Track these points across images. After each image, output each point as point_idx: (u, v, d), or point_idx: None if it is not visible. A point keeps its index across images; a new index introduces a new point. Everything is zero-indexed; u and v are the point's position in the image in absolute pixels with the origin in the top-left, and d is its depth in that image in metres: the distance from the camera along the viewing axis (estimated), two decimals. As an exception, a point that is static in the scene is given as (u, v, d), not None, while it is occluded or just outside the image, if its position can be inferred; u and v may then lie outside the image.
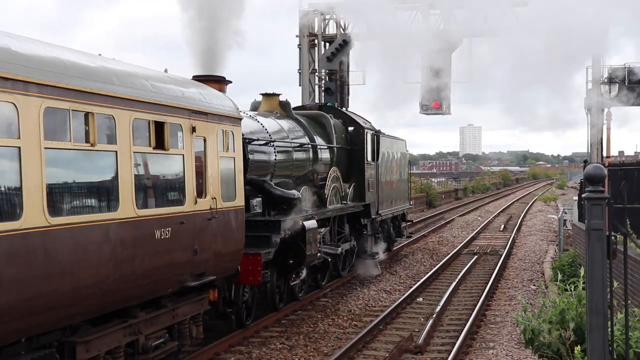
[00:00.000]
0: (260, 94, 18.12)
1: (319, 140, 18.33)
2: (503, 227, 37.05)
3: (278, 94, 18.13)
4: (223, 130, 11.45)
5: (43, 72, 7.47)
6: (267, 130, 15.50)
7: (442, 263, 23.15)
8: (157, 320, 10.00)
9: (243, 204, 12.10)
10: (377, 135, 21.81)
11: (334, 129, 19.33)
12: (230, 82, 13.93)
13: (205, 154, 10.83)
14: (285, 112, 17.90)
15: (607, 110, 23.89)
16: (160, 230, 9.44)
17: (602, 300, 5.91)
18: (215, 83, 13.08)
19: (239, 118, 12.29)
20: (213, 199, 10.94)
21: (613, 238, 6.01)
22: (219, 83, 13.34)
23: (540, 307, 9.58)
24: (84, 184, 8.15)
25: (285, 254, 14.82)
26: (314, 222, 15.73)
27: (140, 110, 9.13)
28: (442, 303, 16.45)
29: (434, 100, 28.54)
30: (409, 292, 18.06)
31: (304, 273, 16.42)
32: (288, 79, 39.85)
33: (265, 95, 18.09)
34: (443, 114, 29.91)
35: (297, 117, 18.06)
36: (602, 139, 28.76)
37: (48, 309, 7.49)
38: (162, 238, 9.47)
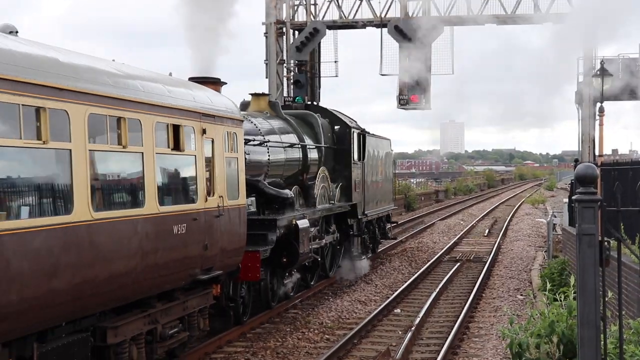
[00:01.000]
0: (250, 94, 19.84)
1: (308, 140, 20.09)
2: (487, 231, 37.70)
3: (267, 94, 19.87)
4: (228, 132, 13.17)
5: (82, 81, 9.12)
6: (260, 131, 17.23)
7: (421, 271, 23.38)
8: (171, 312, 11.68)
9: (245, 203, 13.84)
10: (363, 135, 23.59)
11: (322, 129, 21.10)
12: (225, 83, 15.69)
13: (213, 155, 12.54)
14: (275, 112, 19.64)
15: (599, 105, 23.20)
16: (178, 226, 11.13)
17: (594, 312, 5.86)
18: (212, 84, 14.81)
19: (241, 120, 14.03)
20: (220, 197, 12.65)
21: (606, 244, 5.96)
22: (215, 84, 15.09)
23: (528, 318, 9.72)
24: (119, 183, 9.85)
25: (278, 253, 16.53)
26: (306, 221, 17.50)
27: (161, 115, 10.82)
28: (421, 314, 16.53)
29: (413, 94, 28.96)
30: (386, 302, 18.13)
31: (295, 275, 18.13)
32: (254, 71, 39.69)
33: (255, 95, 19.81)
34: (422, 109, 30.30)
35: (286, 116, 19.81)
36: (594, 136, 28.36)
37: (91, 295, 9.15)
38: (179, 233, 11.16)
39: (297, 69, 28.59)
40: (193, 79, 14.55)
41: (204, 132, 12.16)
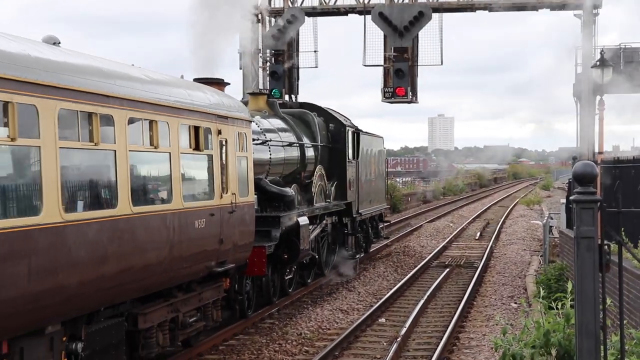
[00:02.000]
0: (247, 93, 21.74)
1: (305, 139, 21.99)
2: (479, 235, 38.15)
3: (265, 93, 21.76)
4: (239, 132, 15.04)
5: (122, 87, 10.96)
6: (262, 130, 19.11)
7: (408, 277, 23.64)
8: (189, 302, 13.54)
9: (254, 200, 15.72)
10: (357, 133, 25.51)
11: (318, 127, 23.01)
12: (229, 83, 17.58)
13: (227, 154, 14.40)
14: (273, 110, 21.54)
15: (599, 98, 23.28)
16: (198, 221, 13.00)
17: (593, 321, 5.86)
18: (217, 85, 16.67)
19: (250, 120, 15.92)
20: (233, 194, 14.52)
21: (606, 247, 5.94)
22: (220, 85, 16.96)
23: (522, 328, 9.82)
24: (151, 180, 11.72)
25: (280, 249, 18.40)
26: (306, 218, 19.41)
27: (185, 117, 12.67)
28: (408, 324, 16.64)
29: (398, 86, 28.73)
30: (370, 311, 18.24)
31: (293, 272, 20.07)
32: (224, 61, 38.15)
33: (252, 95, 21.71)
34: (409, 102, 30.11)
35: (283, 115, 21.71)
36: (593, 132, 27.62)
37: (130, 281, 11.00)
38: (199, 227, 13.03)
39: (273, 60, 28.93)
40: (198, 80, 16.35)
41: (219, 132, 14.01)
